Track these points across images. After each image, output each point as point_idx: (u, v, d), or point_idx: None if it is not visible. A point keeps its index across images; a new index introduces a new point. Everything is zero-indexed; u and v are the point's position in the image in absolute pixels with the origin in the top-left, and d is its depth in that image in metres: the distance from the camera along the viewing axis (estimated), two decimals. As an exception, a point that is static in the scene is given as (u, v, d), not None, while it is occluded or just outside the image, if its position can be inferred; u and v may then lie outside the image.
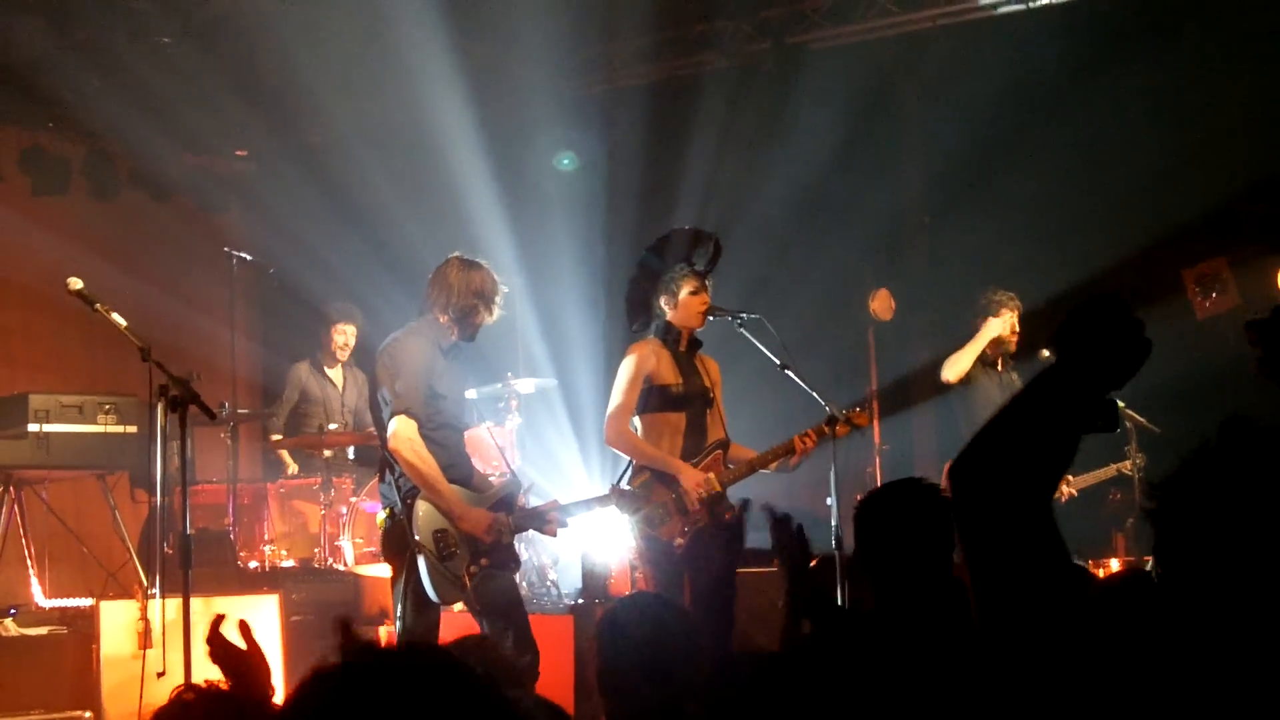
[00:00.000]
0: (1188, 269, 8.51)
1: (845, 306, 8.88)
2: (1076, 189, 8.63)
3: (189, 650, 4.80)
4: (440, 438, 5.20)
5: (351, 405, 8.61)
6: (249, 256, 8.13)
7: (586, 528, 6.99)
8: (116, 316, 5.35)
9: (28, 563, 7.23)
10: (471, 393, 7.30)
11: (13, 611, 6.86)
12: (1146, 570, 2.82)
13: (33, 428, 6.71)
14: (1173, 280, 8.46)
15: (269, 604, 6.51)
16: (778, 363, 5.92)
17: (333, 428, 8.21)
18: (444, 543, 5.09)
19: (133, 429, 6.93)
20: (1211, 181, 8.10)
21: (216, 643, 2.48)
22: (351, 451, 8.35)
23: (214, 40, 8.57)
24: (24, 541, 7.23)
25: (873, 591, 3.04)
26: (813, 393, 5.82)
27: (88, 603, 6.60)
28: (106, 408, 6.88)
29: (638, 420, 5.78)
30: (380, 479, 5.36)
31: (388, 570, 5.35)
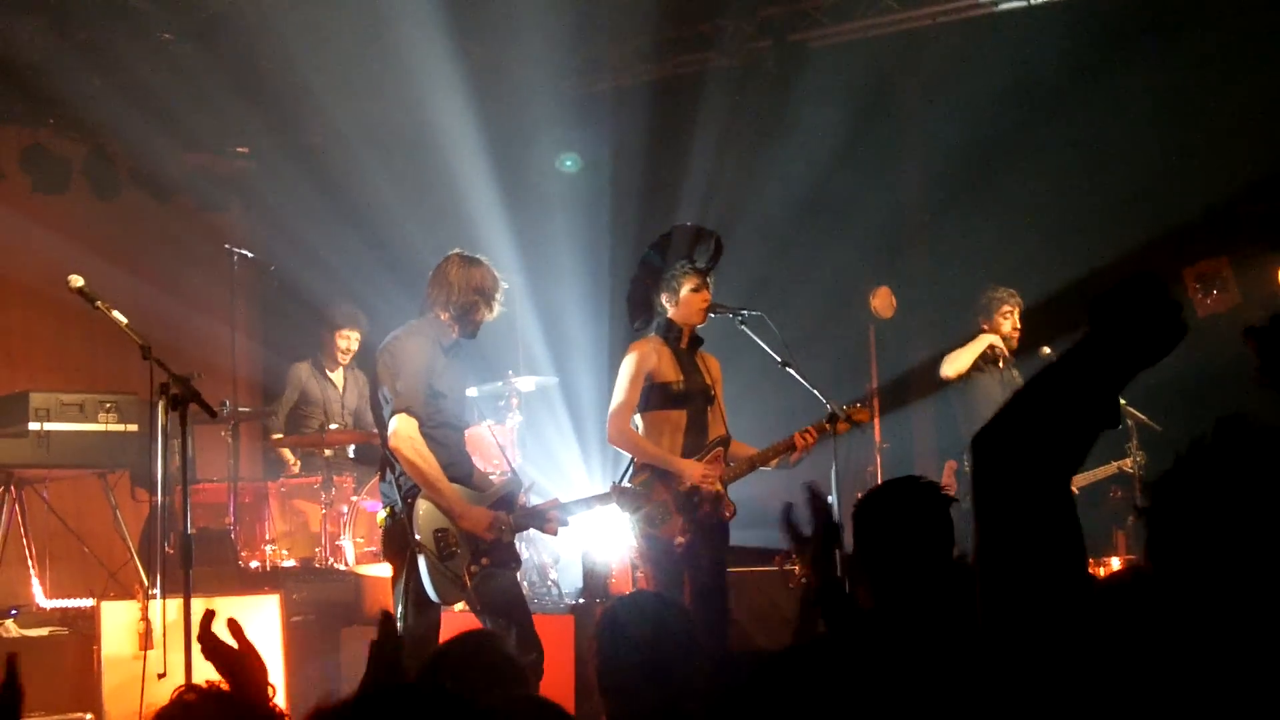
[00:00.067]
0: (1188, 268, 8.51)
1: (846, 304, 8.87)
2: (1077, 189, 8.63)
3: (190, 651, 4.80)
4: (441, 436, 5.20)
5: (352, 406, 8.59)
6: (249, 255, 8.11)
7: (587, 527, 6.98)
8: (117, 314, 5.35)
9: (28, 562, 7.23)
10: (472, 391, 7.30)
11: (13, 613, 6.86)
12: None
13: (33, 426, 6.70)
14: (1173, 279, 8.46)
15: (270, 604, 6.48)
16: (779, 360, 5.93)
17: (333, 428, 8.21)
18: (444, 542, 5.08)
19: (133, 427, 6.91)
20: (1211, 181, 8.10)
21: (208, 640, 2.46)
22: (352, 450, 8.34)
23: (214, 40, 8.57)
24: (25, 541, 7.22)
25: (871, 590, 3.03)
26: (813, 390, 5.83)
27: (88, 603, 6.59)
28: (107, 406, 6.87)
29: (639, 418, 5.78)
30: (381, 478, 5.36)
31: (389, 570, 5.34)
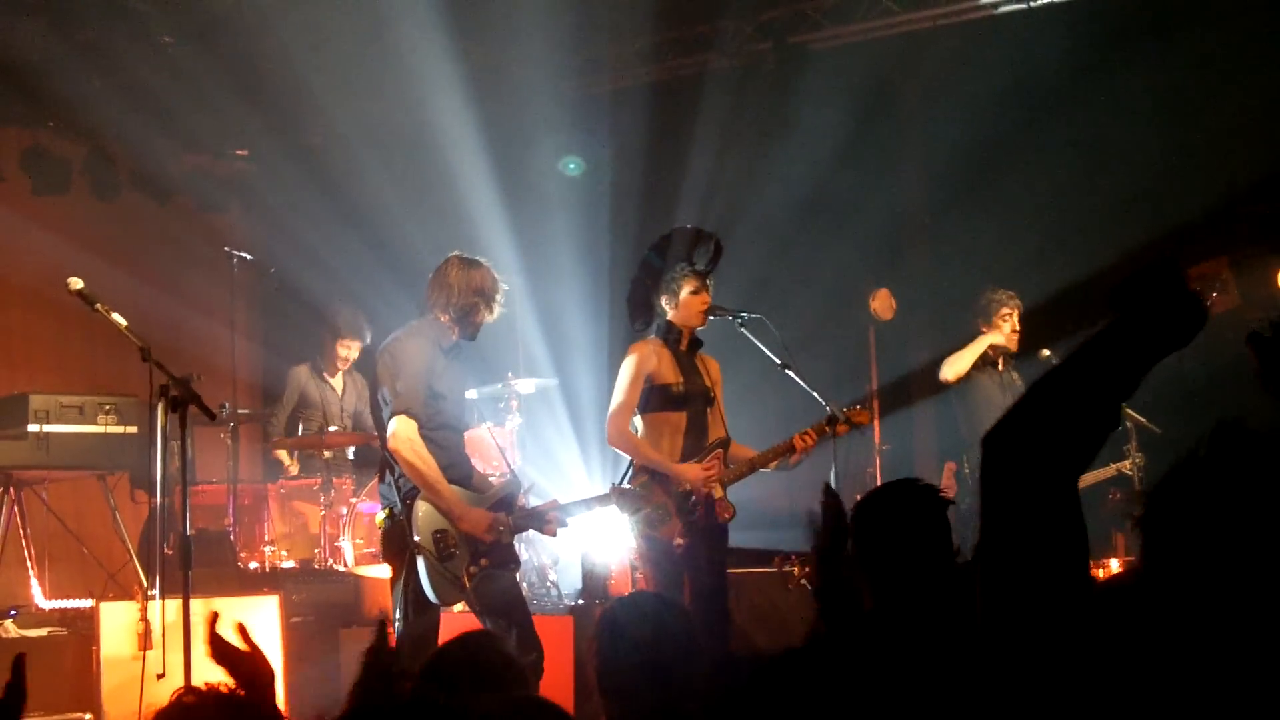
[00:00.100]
0: (1188, 269, 8.50)
1: (846, 306, 8.88)
2: (1077, 189, 8.63)
3: (189, 652, 4.80)
4: (440, 438, 5.19)
5: (351, 409, 8.57)
6: (249, 256, 8.10)
7: (586, 528, 6.98)
8: (117, 316, 5.35)
9: (28, 564, 7.22)
10: (472, 393, 7.29)
11: (13, 613, 6.86)
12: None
13: (33, 428, 6.69)
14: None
15: (269, 605, 6.48)
16: (778, 362, 5.92)
17: (333, 430, 8.21)
18: (444, 543, 5.08)
19: (133, 429, 6.91)
20: (1211, 181, 8.10)
21: (217, 643, 2.47)
22: (351, 452, 8.35)
23: (214, 40, 8.58)
24: (24, 542, 7.21)
25: (870, 592, 3.03)
26: (813, 392, 5.83)
27: (88, 604, 6.58)
28: (107, 408, 6.86)
29: (639, 420, 5.78)
30: (380, 479, 5.35)
31: (388, 571, 5.34)
